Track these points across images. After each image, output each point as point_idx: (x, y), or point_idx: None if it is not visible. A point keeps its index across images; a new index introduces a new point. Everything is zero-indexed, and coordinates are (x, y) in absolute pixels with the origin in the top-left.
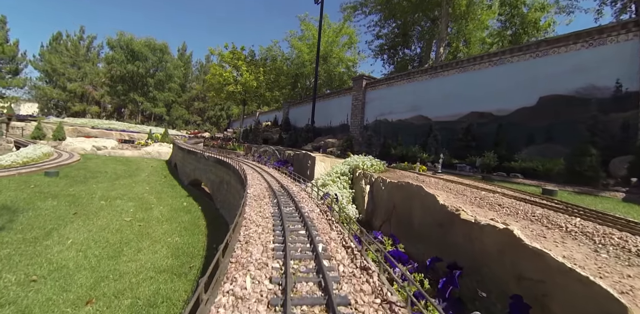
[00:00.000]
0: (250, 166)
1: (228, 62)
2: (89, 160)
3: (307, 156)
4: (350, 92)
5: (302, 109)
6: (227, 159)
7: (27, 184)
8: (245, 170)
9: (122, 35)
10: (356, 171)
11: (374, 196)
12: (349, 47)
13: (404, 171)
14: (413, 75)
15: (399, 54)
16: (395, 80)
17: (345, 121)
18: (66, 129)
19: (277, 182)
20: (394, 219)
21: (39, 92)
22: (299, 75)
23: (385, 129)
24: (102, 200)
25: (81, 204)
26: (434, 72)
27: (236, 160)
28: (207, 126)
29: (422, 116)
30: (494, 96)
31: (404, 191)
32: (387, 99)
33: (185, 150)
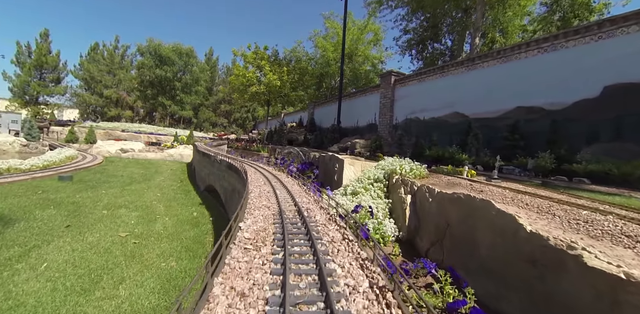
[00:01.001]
0: (263, 172)
1: (251, 63)
2: (111, 163)
3: (334, 158)
4: (377, 89)
5: (328, 109)
6: (238, 164)
7: (36, 190)
8: (252, 181)
9: (151, 42)
10: (392, 177)
11: (417, 209)
12: (375, 44)
13: (450, 177)
14: (447, 68)
15: (428, 49)
16: (427, 75)
17: (373, 120)
18: (98, 133)
19: (292, 200)
20: (448, 241)
21: (79, 99)
22: (323, 75)
23: (417, 128)
24: (105, 209)
25: (81, 213)
26: (471, 64)
27: (249, 164)
28: (233, 128)
29: (458, 113)
30: (544, 87)
31: (463, 206)
32: (419, 96)
33: (200, 152)
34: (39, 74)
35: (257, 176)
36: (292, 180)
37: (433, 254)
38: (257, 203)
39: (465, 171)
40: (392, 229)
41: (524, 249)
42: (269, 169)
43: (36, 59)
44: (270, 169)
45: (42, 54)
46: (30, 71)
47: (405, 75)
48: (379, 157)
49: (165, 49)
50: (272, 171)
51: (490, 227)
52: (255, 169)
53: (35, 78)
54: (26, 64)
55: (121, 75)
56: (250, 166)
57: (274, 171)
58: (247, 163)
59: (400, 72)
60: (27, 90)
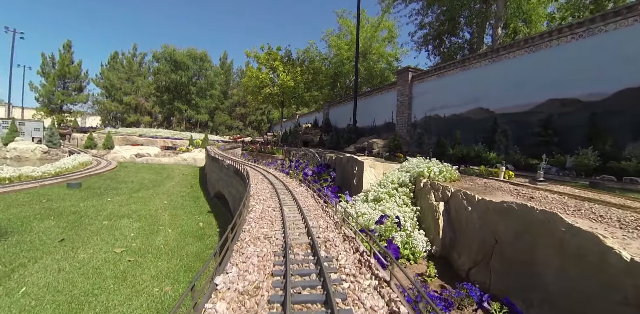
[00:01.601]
0: (271, 179)
1: (264, 64)
2: (124, 168)
3: (353, 160)
4: (394, 87)
5: (343, 109)
6: (245, 169)
7: (41, 199)
8: (256, 192)
9: (166, 48)
10: (419, 181)
11: (452, 219)
12: (389, 42)
13: (485, 179)
14: (469, 61)
15: (445, 44)
16: (446, 69)
17: (390, 119)
18: (116, 138)
19: (303, 223)
20: (497, 262)
21: (100, 106)
22: (338, 75)
23: (437, 126)
24: (106, 219)
25: (80, 225)
26: (495, 56)
27: (258, 169)
28: (249, 131)
29: (482, 108)
30: (580, 77)
31: (516, 219)
32: (438, 92)
33: (210, 157)
34: (62, 83)
35: (263, 185)
36: (306, 190)
37: (476, 276)
38: (255, 231)
39: (502, 172)
40: (423, 243)
41: (619, 283)
42: (280, 176)
43: (59, 69)
44: (281, 176)
45: (65, 65)
46: (54, 81)
47: (423, 71)
48: (399, 158)
49: (179, 54)
50: (283, 178)
51: (558, 248)
52: (263, 176)
53: (59, 87)
54: (50, 75)
55: (139, 82)
56: (257, 171)
57: (285, 178)
58: (256, 168)
59: (417, 68)
60: (52, 99)
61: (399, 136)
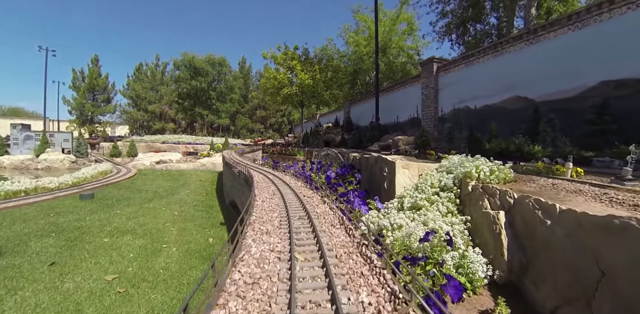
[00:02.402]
0: (284, 190)
1: (281, 64)
2: (142, 176)
3: (382, 161)
4: (418, 80)
5: (364, 107)
6: (257, 178)
7: (49, 212)
8: (257, 219)
9: (185, 55)
10: (466, 183)
11: (520, 235)
12: (409, 35)
13: (550, 179)
14: (501, 46)
15: (470, 31)
16: (475, 57)
17: (415, 114)
18: (140, 146)
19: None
20: (608, 304)
21: (127, 116)
22: (357, 72)
23: (467, 119)
24: (108, 236)
25: (79, 243)
26: (532, 37)
27: (270, 177)
28: (270, 133)
29: (519, 96)
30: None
31: (637, 242)
32: (467, 82)
33: (224, 161)
34: (92, 95)
35: (272, 203)
36: (330, 210)
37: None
38: None
39: (569, 169)
40: (482, 267)
41: None
42: (298, 187)
43: (89, 83)
44: (299, 186)
45: (93, 78)
46: (84, 94)
47: (449, 61)
48: (431, 155)
49: (198, 61)
50: (301, 188)
51: None
52: (275, 187)
53: (89, 100)
54: (81, 88)
55: (162, 90)
56: (270, 180)
57: (303, 189)
58: (268, 174)
59: (442, 58)
60: (83, 111)
61: (426, 131)
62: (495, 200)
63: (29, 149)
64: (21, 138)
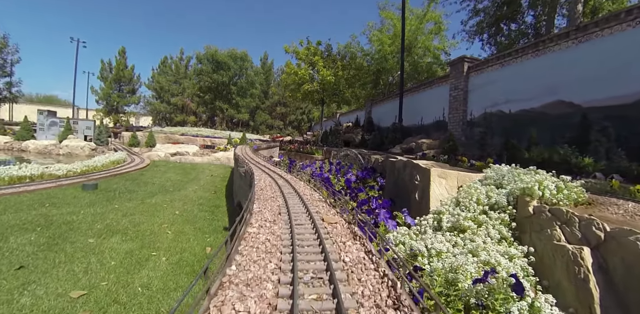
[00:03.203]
0: (291, 201)
1: (303, 60)
2: (154, 167)
3: (412, 167)
4: (446, 80)
5: (387, 107)
6: (265, 182)
7: (45, 202)
8: (248, 251)
9: (208, 49)
10: (525, 203)
11: (617, 286)
12: (436, 34)
13: (630, 202)
14: (544, 44)
15: (503, 31)
16: (512, 56)
17: (441, 117)
18: (159, 137)
19: None
20: None
21: (151, 107)
22: (380, 71)
23: (500, 124)
24: (96, 236)
25: (61, 242)
26: (582, 34)
27: (277, 179)
28: (289, 130)
29: (562, 101)
30: None
31: None
32: (501, 84)
33: (234, 158)
34: (118, 86)
35: (274, 231)
36: (353, 237)
37: None
38: None
39: None
40: None
41: None
42: (311, 198)
43: (115, 74)
44: (317, 198)
45: (120, 69)
46: (111, 84)
47: (481, 61)
48: (463, 163)
49: (220, 55)
50: (318, 203)
51: None
52: (283, 198)
53: (115, 90)
54: (108, 79)
55: (185, 83)
56: (278, 185)
57: (321, 204)
58: (278, 179)
59: (474, 57)
60: (109, 101)
61: (453, 136)
62: (573, 230)
63: (54, 135)
64: (47, 124)
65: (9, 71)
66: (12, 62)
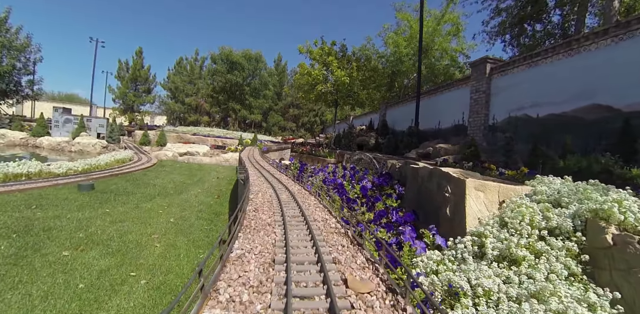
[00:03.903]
0: (291, 222)
1: (317, 60)
2: (160, 168)
3: (441, 175)
4: (466, 82)
5: (402, 110)
6: (261, 194)
7: (34, 203)
8: None
9: (223, 49)
10: (602, 229)
11: None
12: (454, 35)
13: None
14: (578, 43)
15: (527, 32)
16: (542, 56)
17: (460, 121)
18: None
19: None
20: None
21: (166, 107)
22: (395, 74)
23: (527, 129)
24: (73, 247)
25: (32, 253)
26: (623, 32)
27: (279, 190)
28: (301, 132)
29: (598, 105)
30: None
31: None
32: (528, 86)
33: (239, 161)
34: (134, 86)
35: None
36: None
37: None
38: None
39: None
40: None
41: None
42: (319, 218)
43: (132, 73)
44: (333, 226)
45: (136, 69)
46: (127, 84)
47: (505, 62)
48: (491, 170)
49: (235, 56)
50: (331, 225)
51: None
52: (281, 213)
53: (132, 89)
54: (125, 78)
55: (199, 84)
56: (278, 206)
57: (333, 227)
58: (281, 189)
59: (497, 58)
60: (125, 100)
61: (475, 141)
62: None
63: (68, 132)
64: (61, 121)
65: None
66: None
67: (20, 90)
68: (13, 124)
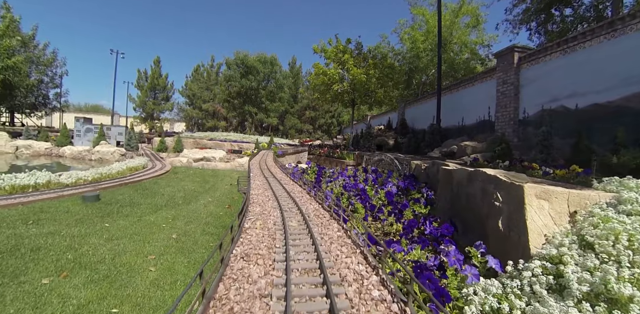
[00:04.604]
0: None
1: (332, 59)
2: (173, 174)
3: (485, 179)
4: (491, 75)
5: (421, 108)
6: None
7: (31, 218)
8: None
9: (238, 54)
10: None
11: None
12: (474, 27)
13: None
14: (624, 22)
15: (554, 17)
16: (579, 40)
17: (486, 116)
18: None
19: None
20: None
21: (184, 113)
22: (412, 71)
23: (564, 122)
24: (56, 272)
25: (9, 281)
26: None
27: (283, 204)
28: (318, 134)
29: None
30: None
31: None
32: (563, 74)
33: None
34: (153, 94)
35: None
36: None
37: None
38: None
39: None
40: None
41: None
42: (350, 276)
43: (150, 82)
44: (376, 297)
45: (154, 78)
46: (146, 92)
47: (536, 50)
48: (534, 170)
49: (250, 60)
50: (374, 297)
51: None
52: (285, 267)
53: (151, 98)
54: (144, 87)
55: (216, 90)
56: (283, 234)
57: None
58: (289, 208)
59: (526, 46)
60: (145, 108)
61: (504, 137)
62: None
63: (89, 141)
64: (83, 130)
65: (58, 83)
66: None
67: (48, 102)
68: (39, 135)
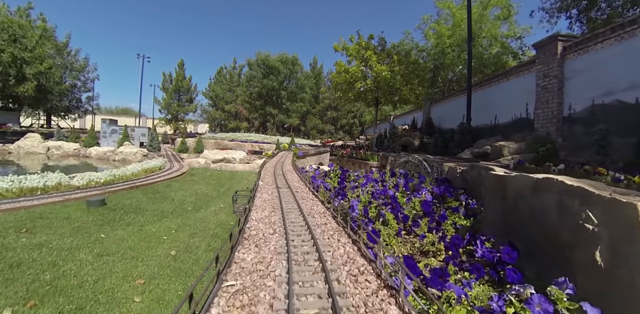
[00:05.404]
0: None
1: (354, 56)
2: (189, 176)
3: (564, 191)
4: (529, 68)
5: (448, 106)
6: None
7: (25, 225)
8: None
9: (259, 55)
10: None
11: None
12: (505, 19)
13: None
14: None
15: (598, 3)
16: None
17: (523, 113)
18: (209, 143)
19: None
20: None
21: (208, 115)
22: (437, 68)
23: (623, 119)
24: (22, 301)
25: None
26: None
27: (289, 232)
28: (340, 135)
29: None
30: None
31: None
32: (620, 63)
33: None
34: (177, 96)
35: None
36: None
37: None
38: None
39: None
40: None
41: None
42: None
43: (175, 85)
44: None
45: (179, 80)
46: (171, 94)
47: (584, 37)
48: (602, 175)
49: (272, 60)
50: None
51: None
52: None
53: (175, 100)
54: (169, 89)
55: (238, 91)
56: None
57: None
58: (301, 246)
59: (571, 34)
60: (170, 110)
61: (548, 136)
62: None
63: (114, 142)
64: (108, 132)
65: (90, 87)
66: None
67: (80, 105)
68: (69, 137)
